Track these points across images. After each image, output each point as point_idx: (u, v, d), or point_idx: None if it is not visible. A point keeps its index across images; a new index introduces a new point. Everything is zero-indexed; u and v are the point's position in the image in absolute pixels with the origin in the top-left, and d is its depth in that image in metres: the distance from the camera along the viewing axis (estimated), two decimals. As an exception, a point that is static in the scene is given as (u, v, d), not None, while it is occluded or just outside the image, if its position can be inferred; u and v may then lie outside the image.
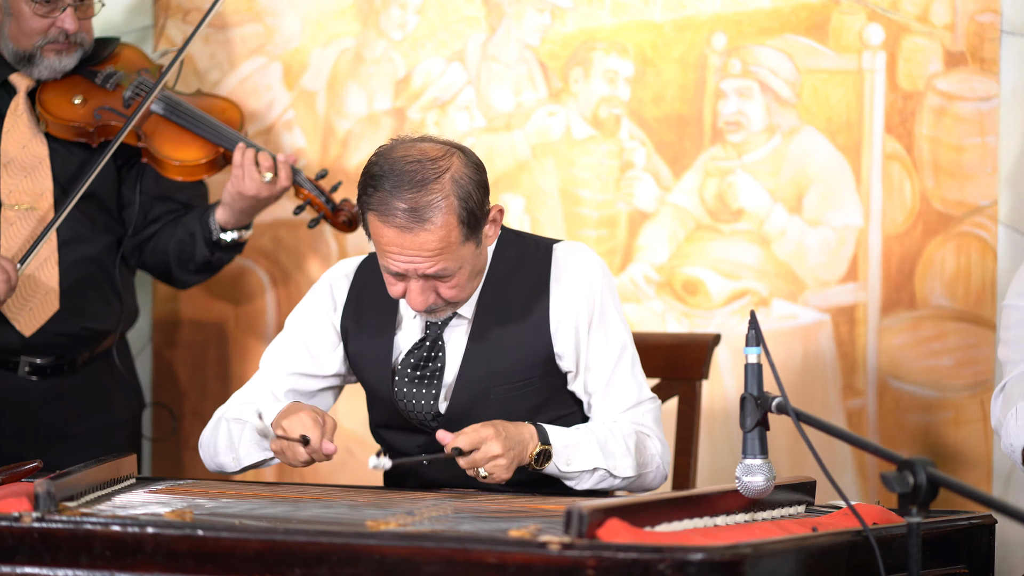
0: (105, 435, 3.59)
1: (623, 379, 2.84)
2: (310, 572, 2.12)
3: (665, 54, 3.61)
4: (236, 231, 3.51)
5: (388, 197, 2.62)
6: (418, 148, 2.68)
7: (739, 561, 1.99)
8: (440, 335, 2.83)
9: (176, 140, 3.48)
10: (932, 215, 3.41)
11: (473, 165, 2.69)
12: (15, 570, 2.23)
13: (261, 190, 3.41)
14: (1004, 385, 2.77)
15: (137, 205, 3.56)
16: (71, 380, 3.54)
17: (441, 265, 2.66)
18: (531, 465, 2.70)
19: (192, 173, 3.49)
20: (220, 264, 3.59)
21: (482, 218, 2.70)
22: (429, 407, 2.83)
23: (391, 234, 2.63)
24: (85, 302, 3.51)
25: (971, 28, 3.36)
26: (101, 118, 3.47)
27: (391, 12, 3.84)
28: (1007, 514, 2.01)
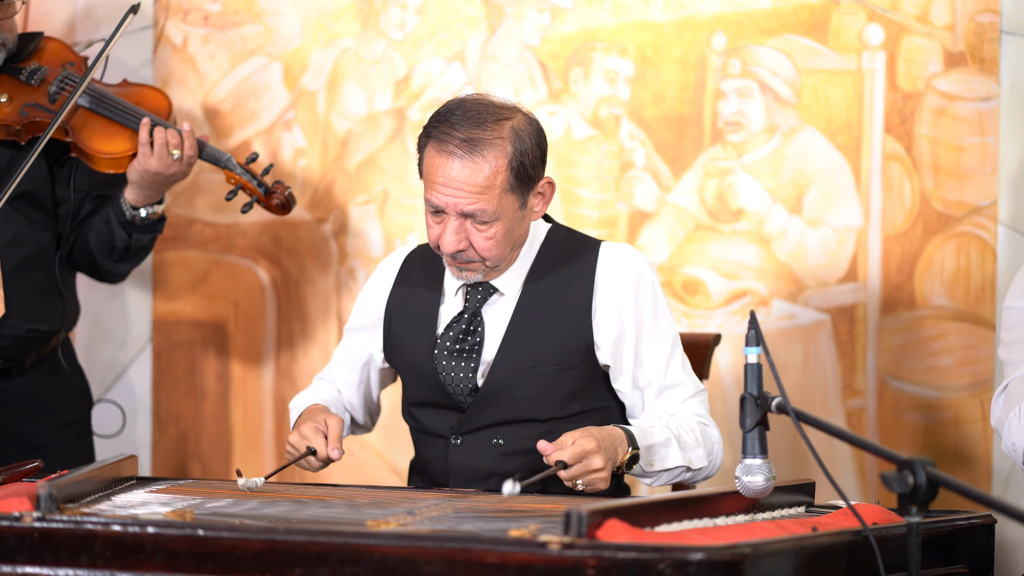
0: (56, 436, 3.58)
1: (678, 373, 2.88)
2: (310, 572, 2.12)
3: (665, 54, 3.61)
4: (148, 207, 3.45)
5: (450, 128, 2.73)
6: (488, 98, 2.81)
7: (739, 561, 1.99)
8: (479, 309, 2.88)
9: (103, 133, 3.43)
10: (932, 215, 3.41)
11: (536, 127, 2.80)
12: (16, 570, 2.24)
13: (169, 166, 3.37)
14: (1006, 385, 2.77)
15: (72, 202, 3.53)
16: (19, 382, 3.52)
17: (481, 205, 2.72)
18: (620, 469, 2.73)
19: (121, 165, 3.43)
20: (140, 247, 3.52)
21: (534, 177, 2.78)
22: (467, 380, 2.86)
23: (442, 162, 2.73)
24: (30, 303, 3.47)
25: (971, 28, 3.36)
26: (27, 115, 3.43)
27: (391, 12, 3.84)
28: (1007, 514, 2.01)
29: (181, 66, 4.00)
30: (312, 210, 3.92)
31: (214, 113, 3.95)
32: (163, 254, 3.97)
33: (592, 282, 2.86)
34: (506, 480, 2.36)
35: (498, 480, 2.83)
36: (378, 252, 3.85)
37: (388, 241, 3.84)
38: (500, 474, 2.83)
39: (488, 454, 2.87)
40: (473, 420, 2.87)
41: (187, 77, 3.95)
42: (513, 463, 2.85)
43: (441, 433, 2.90)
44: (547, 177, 2.83)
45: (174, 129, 3.39)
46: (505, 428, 2.86)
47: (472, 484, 2.86)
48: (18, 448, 3.45)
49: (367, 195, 3.86)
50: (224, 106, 3.92)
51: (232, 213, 3.98)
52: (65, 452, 3.52)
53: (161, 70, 3.96)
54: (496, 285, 2.88)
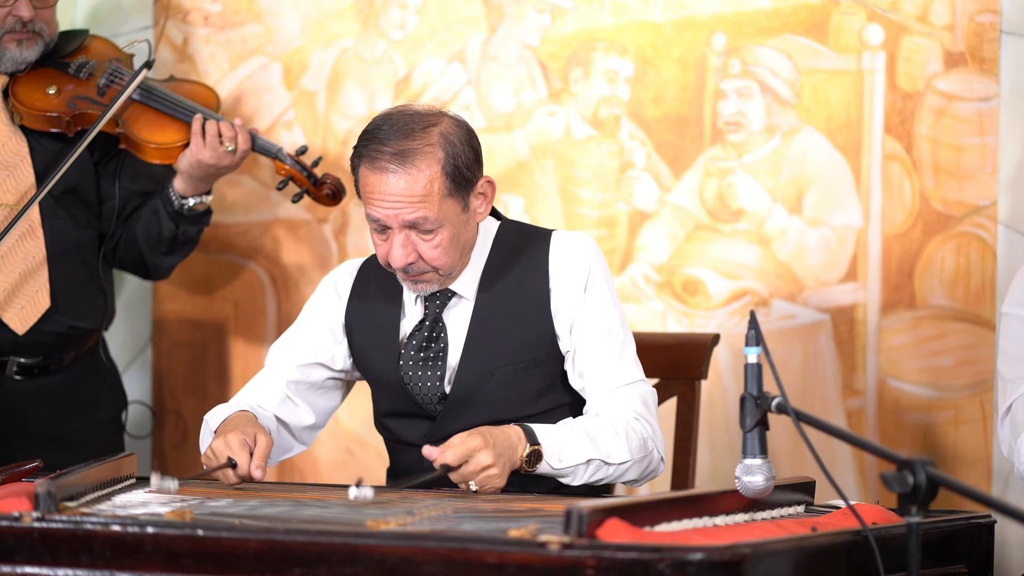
0: (91, 434, 3.60)
1: (610, 358, 2.84)
2: (310, 572, 2.12)
3: (665, 54, 3.61)
4: (196, 197, 3.49)
5: (379, 144, 2.73)
6: (412, 108, 2.81)
7: (739, 561, 1.99)
8: (440, 315, 2.87)
9: (154, 124, 3.48)
10: (932, 215, 3.41)
11: (465, 129, 2.80)
12: (15, 570, 2.24)
13: (221, 159, 3.43)
14: (1010, 407, 2.75)
15: (117, 200, 3.56)
16: (57, 380, 3.54)
17: (422, 213, 2.72)
18: (523, 468, 2.70)
19: (170, 156, 3.48)
20: (187, 238, 3.55)
21: (470, 179, 2.77)
22: (435, 389, 2.85)
23: (376, 179, 2.73)
24: (73, 300, 3.50)
25: (971, 28, 3.36)
26: (76, 107, 3.47)
27: (391, 12, 3.84)
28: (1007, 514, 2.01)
29: (181, 66, 4.00)
30: (312, 210, 3.92)
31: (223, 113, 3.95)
32: (163, 254, 3.97)
33: (547, 273, 2.86)
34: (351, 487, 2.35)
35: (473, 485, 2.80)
36: (378, 252, 3.85)
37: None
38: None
39: None
40: (445, 427, 2.83)
41: (187, 77, 3.94)
42: None
43: (415, 442, 2.87)
44: (485, 176, 2.82)
45: (227, 122, 3.44)
46: None
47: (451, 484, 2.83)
48: (53, 446, 3.49)
49: (367, 195, 3.86)
50: (224, 106, 3.92)
51: (232, 213, 3.98)
52: (99, 451, 3.52)
53: (161, 70, 3.96)
54: (454, 289, 2.87)
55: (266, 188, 3.95)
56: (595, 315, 2.85)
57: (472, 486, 2.63)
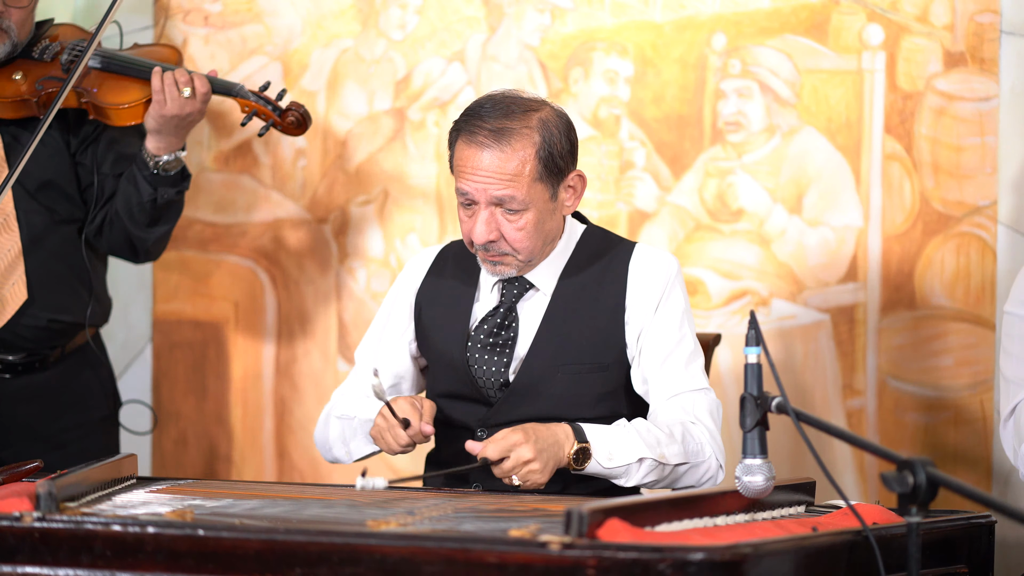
0: (82, 433, 3.57)
1: (676, 366, 2.83)
2: (311, 572, 2.12)
3: (665, 54, 3.61)
4: (170, 154, 3.45)
5: (479, 120, 2.79)
6: (519, 92, 2.86)
7: (739, 561, 1.99)
8: (514, 305, 2.88)
9: (117, 87, 3.45)
10: (932, 215, 3.41)
11: (565, 120, 2.84)
12: (16, 570, 2.24)
13: (184, 106, 3.38)
14: (1014, 409, 2.75)
15: (96, 184, 3.53)
16: (44, 377, 3.52)
17: (510, 192, 2.76)
18: (571, 466, 2.68)
19: (137, 115, 3.44)
20: (167, 201, 3.48)
21: (563, 168, 2.81)
22: (499, 375, 2.86)
23: (471, 152, 2.78)
24: (52, 294, 3.48)
25: (971, 28, 3.36)
26: (43, 88, 3.45)
27: (391, 12, 3.84)
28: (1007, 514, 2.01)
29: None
30: (312, 210, 3.92)
31: (214, 113, 3.95)
32: (163, 254, 3.97)
33: (625, 282, 2.87)
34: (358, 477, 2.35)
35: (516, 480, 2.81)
36: (378, 252, 3.85)
37: (388, 241, 3.84)
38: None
39: None
40: (502, 414, 2.84)
41: None
42: None
43: (467, 424, 2.88)
44: (577, 170, 2.86)
45: (181, 69, 3.41)
46: None
47: (494, 480, 2.81)
48: (40, 445, 3.46)
49: (367, 195, 3.87)
50: (224, 106, 3.92)
51: (232, 213, 3.98)
52: (90, 450, 3.51)
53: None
54: (532, 280, 2.88)
55: (266, 188, 3.95)
56: (666, 325, 2.85)
57: (515, 480, 2.62)
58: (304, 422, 3.94)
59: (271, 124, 3.48)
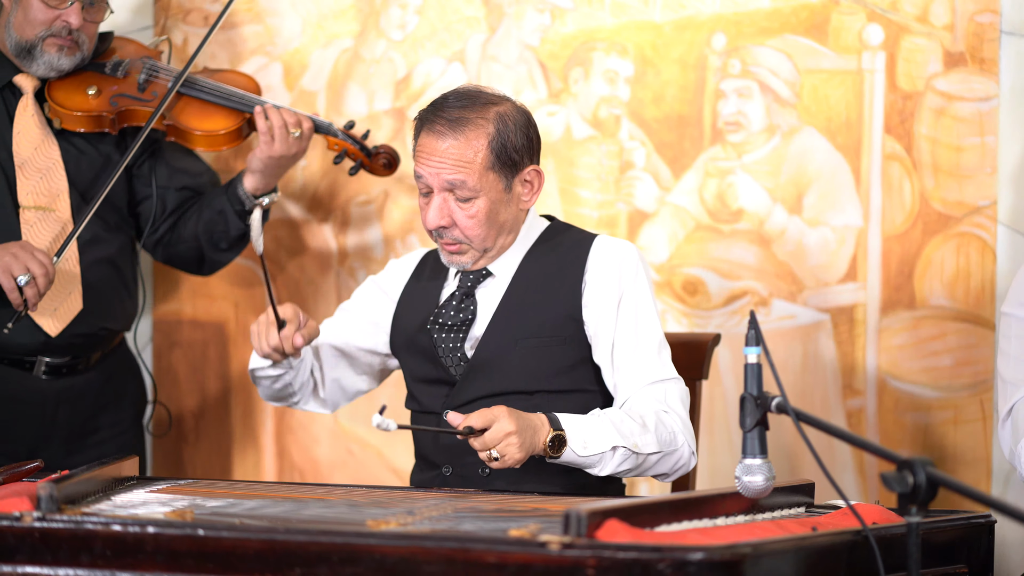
0: (117, 432, 3.63)
1: (644, 356, 2.88)
2: (310, 572, 2.12)
3: (665, 54, 3.61)
4: (266, 195, 3.56)
5: (440, 110, 2.90)
6: (486, 87, 2.97)
7: (739, 561, 1.99)
8: (472, 290, 2.98)
9: (199, 112, 3.55)
10: (932, 215, 3.41)
11: (525, 117, 2.94)
12: (16, 570, 2.24)
13: (291, 147, 3.49)
14: (1010, 409, 2.75)
15: (155, 198, 3.61)
16: (84, 379, 3.56)
17: (461, 177, 2.85)
18: (547, 452, 2.70)
19: (217, 143, 3.56)
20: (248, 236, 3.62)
21: (517, 161, 2.90)
22: (457, 351, 2.94)
23: (428, 139, 2.89)
24: (103, 302, 3.54)
25: (971, 28, 3.36)
26: (118, 104, 3.52)
27: (391, 12, 3.84)
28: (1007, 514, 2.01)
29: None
30: (312, 210, 3.92)
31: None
32: (163, 254, 3.98)
33: (584, 265, 2.94)
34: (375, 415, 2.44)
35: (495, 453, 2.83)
36: (378, 252, 3.85)
37: (388, 241, 3.85)
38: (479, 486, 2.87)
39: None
40: (463, 393, 2.92)
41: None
42: None
43: (434, 409, 2.95)
44: (534, 166, 2.94)
45: (288, 109, 3.51)
46: (493, 400, 2.86)
47: (463, 457, 2.88)
48: (81, 445, 3.53)
49: (367, 195, 3.87)
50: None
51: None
52: (123, 448, 3.59)
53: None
54: (491, 269, 2.97)
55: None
56: (634, 314, 2.91)
57: (493, 453, 2.63)
58: (304, 422, 3.94)
59: (360, 164, 3.61)
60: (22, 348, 3.46)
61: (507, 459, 2.64)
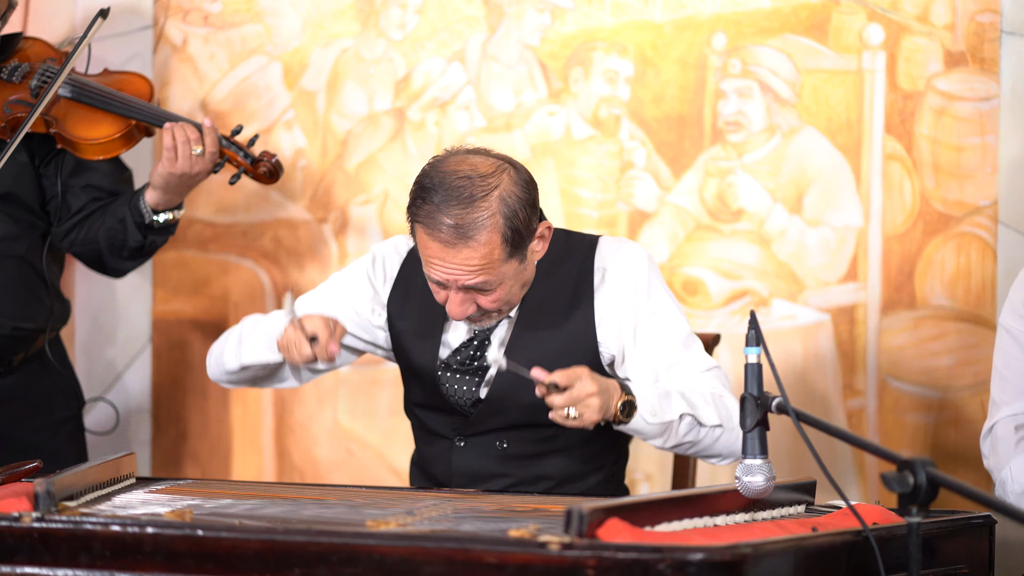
0: (48, 435, 3.56)
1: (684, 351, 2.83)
2: (310, 572, 2.12)
3: (665, 54, 3.61)
4: (168, 212, 3.45)
5: (435, 211, 2.68)
6: (469, 163, 2.73)
7: (739, 561, 1.99)
8: (488, 335, 2.87)
9: (87, 120, 3.42)
10: (932, 215, 3.41)
11: (523, 183, 2.74)
12: (15, 570, 2.24)
13: (194, 165, 3.37)
14: (991, 427, 2.75)
15: (59, 196, 3.50)
16: (8, 382, 3.50)
17: (481, 279, 2.71)
18: (617, 417, 2.66)
19: (107, 150, 3.42)
20: (153, 248, 3.52)
21: (527, 236, 2.74)
22: (470, 394, 2.87)
23: (435, 247, 2.70)
24: (16, 301, 3.46)
25: (971, 28, 3.36)
26: (11, 111, 3.41)
27: (391, 12, 3.84)
28: (1007, 514, 2.01)
29: (181, 66, 4.00)
30: (312, 210, 3.92)
31: (214, 113, 3.95)
32: (163, 254, 3.97)
33: (591, 280, 2.86)
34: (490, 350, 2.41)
35: (501, 482, 2.84)
36: (378, 252, 3.85)
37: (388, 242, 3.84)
38: (503, 476, 2.84)
39: (492, 456, 2.87)
40: (478, 424, 2.87)
41: (187, 77, 3.94)
42: (517, 465, 2.85)
43: (445, 434, 2.91)
44: (544, 223, 2.79)
45: (191, 124, 3.39)
46: (510, 432, 2.85)
47: (474, 484, 2.86)
48: (9, 448, 3.45)
49: (367, 195, 3.86)
50: (224, 106, 3.92)
51: (232, 213, 3.98)
52: (57, 451, 3.51)
53: (161, 70, 3.96)
54: None
55: (266, 188, 3.95)
56: (658, 328, 2.84)
57: (571, 412, 2.59)
58: (304, 422, 3.94)
59: (242, 171, 3.46)
60: None
61: (584, 418, 2.60)
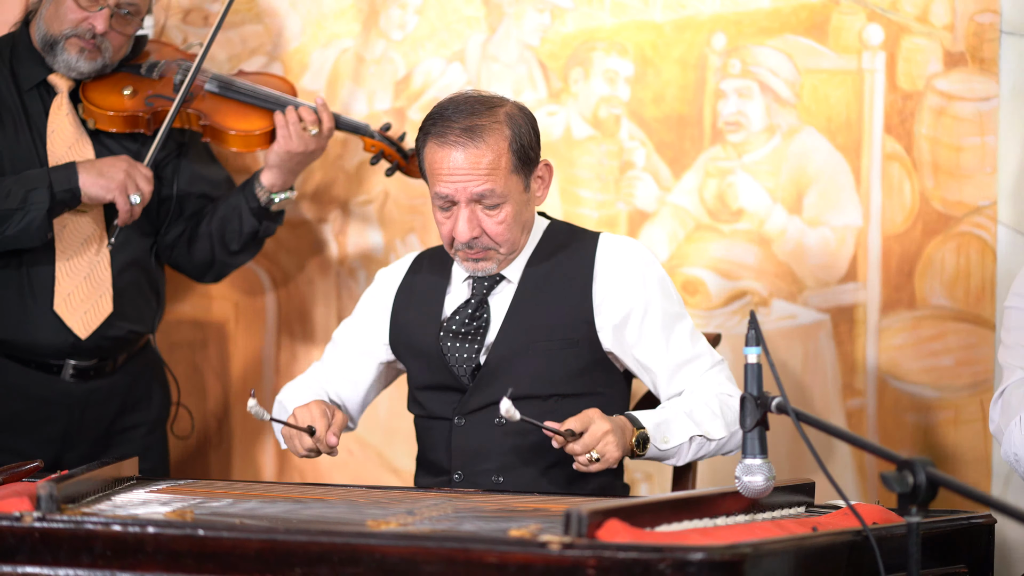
0: (144, 432, 3.64)
1: (690, 347, 2.93)
2: (311, 571, 2.12)
3: (665, 54, 3.61)
4: (281, 193, 3.56)
5: (448, 122, 2.86)
6: (476, 91, 2.94)
7: (739, 561, 1.99)
8: (486, 298, 2.95)
9: (235, 113, 3.56)
10: (932, 215, 3.41)
11: (527, 113, 2.93)
12: (16, 570, 2.24)
13: (308, 144, 3.50)
14: (1003, 391, 2.77)
15: (174, 200, 3.61)
16: (110, 381, 3.56)
17: (489, 185, 2.83)
18: (634, 451, 2.76)
19: (250, 143, 3.56)
20: (267, 234, 3.64)
21: (533, 159, 2.90)
22: (471, 361, 2.93)
23: (445, 153, 2.84)
24: (131, 305, 3.54)
25: (971, 28, 3.36)
26: (154, 105, 3.53)
27: (391, 12, 3.84)
28: (1007, 514, 2.01)
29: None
30: (312, 210, 3.92)
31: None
32: (163, 254, 3.98)
33: (592, 266, 2.95)
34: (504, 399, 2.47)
35: (500, 459, 2.87)
36: (378, 252, 3.85)
37: (388, 241, 3.84)
38: (502, 453, 2.87)
39: (490, 433, 2.92)
40: (476, 399, 2.92)
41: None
42: (516, 441, 2.89)
43: (444, 415, 2.96)
44: (544, 160, 2.94)
45: (307, 106, 3.51)
46: None
47: (475, 464, 2.90)
48: (108, 446, 3.54)
49: (367, 195, 3.87)
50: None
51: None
52: (149, 450, 3.61)
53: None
54: (503, 273, 2.96)
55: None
56: (660, 321, 2.92)
57: (594, 455, 2.68)
58: (304, 422, 3.94)
59: (396, 165, 3.60)
60: (50, 351, 3.46)
61: (607, 458, 2.70)
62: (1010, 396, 2.75)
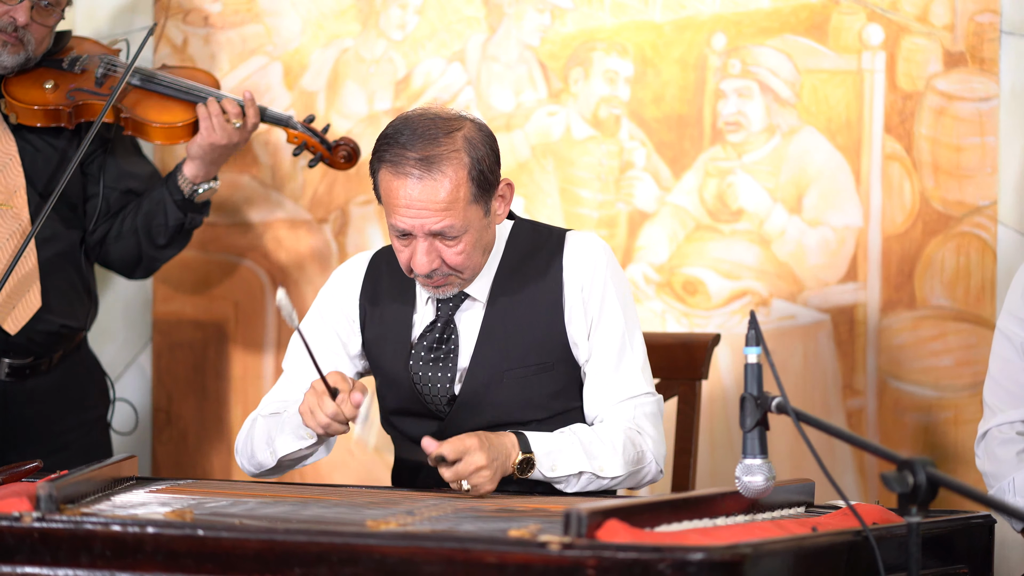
0: (81, 433, 3.60)
1: (620, 370, 2.83)
2: (310, 572, 2.12)
3: (665, 54, 3.61)
4: (205, 184, 3.52)
5: (402, 150, 2.68)
6: (433, 111, 2.76)
7: (739, 561, 1.99)
8: (452, 317, 2.84)
9: (157, 106, 3.51)
10: (932, 215, 3.41)
11: (486, 132, 2.77)
12: (15, 570, 2.23)
13: (232, 136, 3.46)
14: (986, 433, 2.76)
15: (100, 198, 3.57)
16: (47, 379, 3.53)
17: (448, 222, 2.68)
18: (515, 474, 2.69)
19: (174, 135, 3.51)
20: (192, 226, 3.58)
21: (493, 183, 2.74)
22: (444, 390, 2.84)
23: (400, 184, 2.68)
24: (61, 299, 3.50)
25: (971, 28, 3.36)
26: (75, 99, 3.49)
27: (391, 12, 3.84)
28: (1007, 514, 2.01)
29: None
30: (312, 210, 3.92)
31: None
32: (163, 254, 3.98)
33: (561, 280, 2.84)
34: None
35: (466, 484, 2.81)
36: (378, 252, 3.85)
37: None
38: None
39: None
40: (454, 427, 2.80)
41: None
42: None
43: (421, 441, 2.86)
44: (505, 179, 2.79)
45: (230, 98, 3.48)
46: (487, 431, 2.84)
47: None
48: (46, 447, 3.49)
49: (367, 195, 3.87)
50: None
51: (232, 213, 3.99)
52: (90, 448, 3.58)
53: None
54: (467, 291, 2.84)
55: (266, 188, 3.96)
56: (608, 328, 2.83)
57: (464, 485, 2.62)
58: (304, 422, 3.94)
59: (320, 157, 3.57)
60: None
61: (477, 489, 2.63)
62: (993, 444, 2.73)
